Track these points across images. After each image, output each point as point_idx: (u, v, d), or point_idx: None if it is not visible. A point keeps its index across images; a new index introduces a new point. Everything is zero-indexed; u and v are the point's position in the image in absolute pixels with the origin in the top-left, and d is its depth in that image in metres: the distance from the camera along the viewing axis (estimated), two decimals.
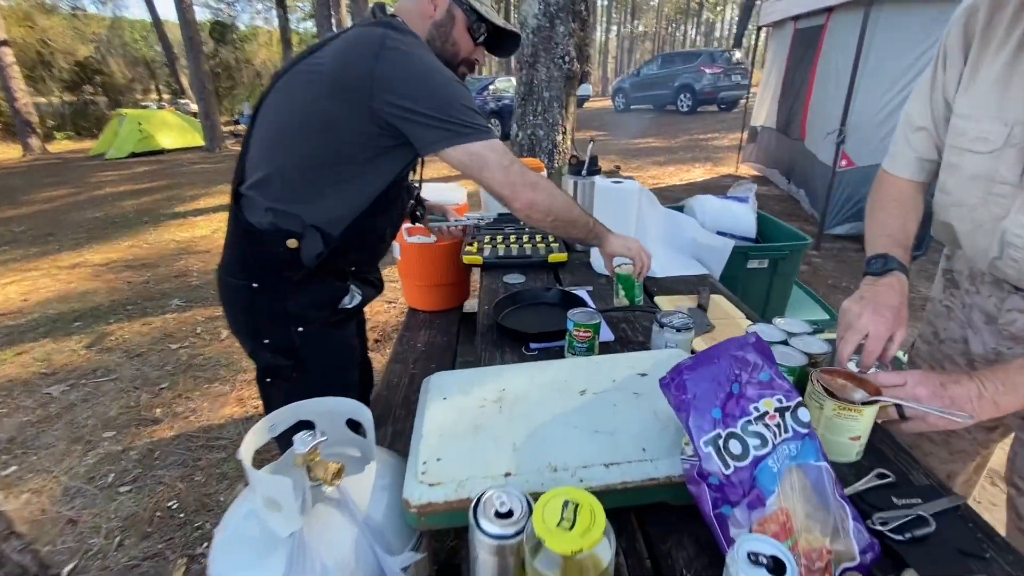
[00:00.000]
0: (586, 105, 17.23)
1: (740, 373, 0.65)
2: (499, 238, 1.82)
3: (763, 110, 6.28)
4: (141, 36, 25.99)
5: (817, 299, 2.29)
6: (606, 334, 1.18)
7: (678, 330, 1.02)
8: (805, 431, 0.64)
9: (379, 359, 2.61)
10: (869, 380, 0.79)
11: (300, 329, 1.02)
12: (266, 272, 0.99)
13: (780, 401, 0.64)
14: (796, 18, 5.23)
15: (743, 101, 12.48)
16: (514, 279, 1.55)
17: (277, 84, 0.99)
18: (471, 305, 1.99)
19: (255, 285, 1.00)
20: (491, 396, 0.84)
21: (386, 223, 1.13)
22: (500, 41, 1.16)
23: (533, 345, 1.16)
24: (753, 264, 1.73)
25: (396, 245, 1.89)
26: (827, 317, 2.18)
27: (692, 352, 1.07)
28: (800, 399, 0.65)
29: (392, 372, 1.67)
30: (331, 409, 0.77)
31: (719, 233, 1.90)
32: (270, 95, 1.00)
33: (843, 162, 3.95)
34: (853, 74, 3.79)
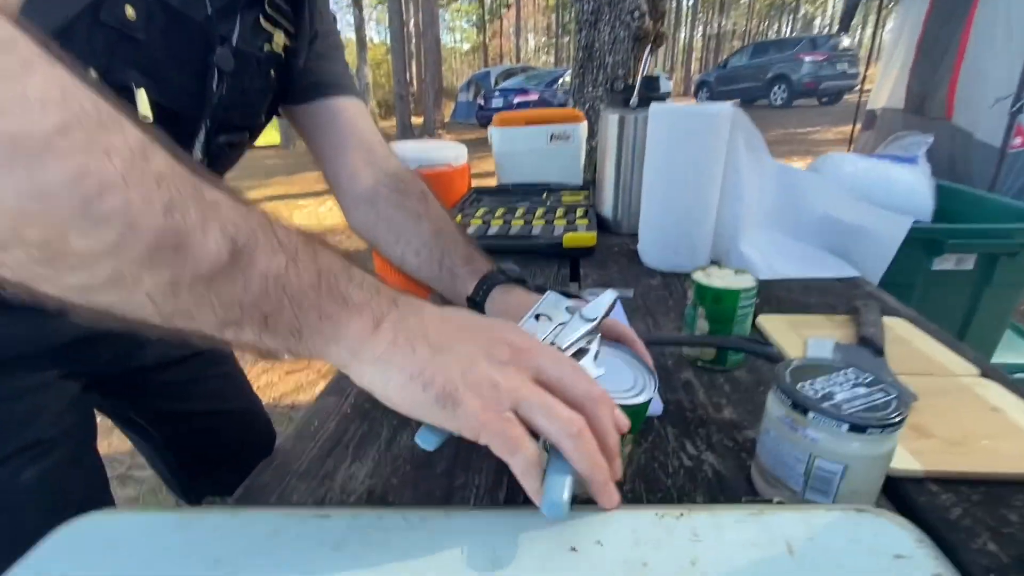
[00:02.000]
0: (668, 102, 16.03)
1: None
2: (499, 210, 1.18)
3: (885, 90, 5.09)
4: None
5: None
6: (653, 406, 0.51)
7: (863, 429, 0.33)
8: None
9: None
10: None
11: None
12: None
13: None
14: None
15: (849, 95, 10.86)
16: None
17: None
18: None
19: None
20: None
21: None
22: None
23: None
24: (944, 264, 0.95)
25: None
26: None
27: (888, 472, 0.37)
28: None
29: (319, 410, 1.02)
30: None
31: None
32: None
33: (1017, 139, 2.89)
34: None
